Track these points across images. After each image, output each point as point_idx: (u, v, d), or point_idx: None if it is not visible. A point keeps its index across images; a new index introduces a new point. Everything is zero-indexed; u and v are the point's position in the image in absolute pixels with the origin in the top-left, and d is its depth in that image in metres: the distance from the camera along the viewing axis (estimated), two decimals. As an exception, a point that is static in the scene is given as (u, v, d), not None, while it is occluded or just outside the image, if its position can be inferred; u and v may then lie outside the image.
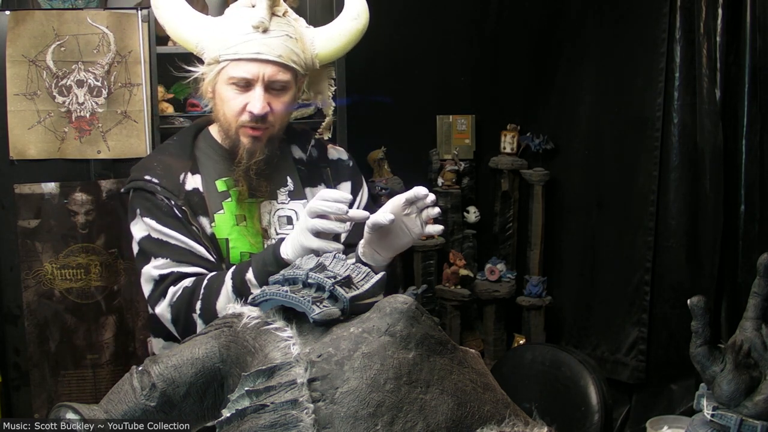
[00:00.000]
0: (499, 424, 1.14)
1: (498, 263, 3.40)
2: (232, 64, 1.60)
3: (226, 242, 1.67)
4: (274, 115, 1.63)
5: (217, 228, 1.66)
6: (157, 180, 1.63)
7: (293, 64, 1.62)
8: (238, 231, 1.67)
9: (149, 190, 1.63)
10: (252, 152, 1.64)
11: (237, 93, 1.61)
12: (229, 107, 1.63)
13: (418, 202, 1.51)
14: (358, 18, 1.73)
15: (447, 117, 3.43)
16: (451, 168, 3.36)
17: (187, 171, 1.67)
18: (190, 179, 1.67)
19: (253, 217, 1.69)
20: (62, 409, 1.22)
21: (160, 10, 1.70)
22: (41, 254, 2.27)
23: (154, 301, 1.60)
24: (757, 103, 2.56)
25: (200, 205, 1.66)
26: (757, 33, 2.52)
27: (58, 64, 2.25)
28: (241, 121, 1.62)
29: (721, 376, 1.02)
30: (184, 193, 1.65)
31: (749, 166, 2.60)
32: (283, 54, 1.60)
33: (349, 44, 1.73)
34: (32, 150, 2.24)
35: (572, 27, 3.24)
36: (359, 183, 1.84)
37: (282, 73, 1.61)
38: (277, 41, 1.60)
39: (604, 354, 3.11)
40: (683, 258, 2.84)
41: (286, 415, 1.07)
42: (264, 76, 1.59)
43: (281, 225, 1.71)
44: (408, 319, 1.16)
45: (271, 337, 1.21)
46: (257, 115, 1.60)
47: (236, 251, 1.67)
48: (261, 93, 1.60)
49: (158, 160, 1.70)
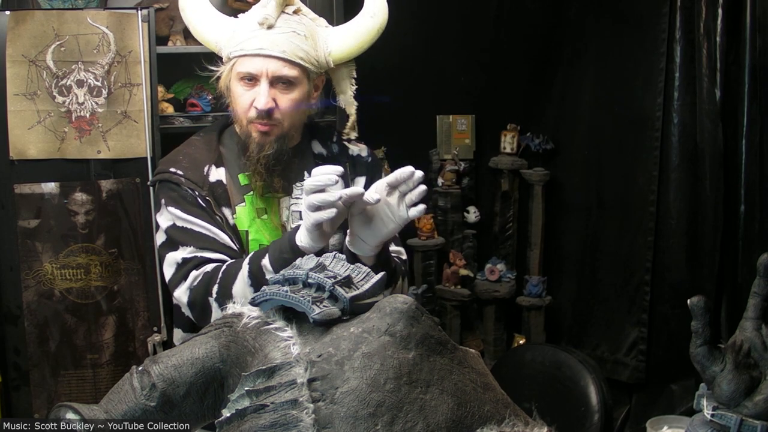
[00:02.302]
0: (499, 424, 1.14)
1: (498, 263, 3.40)
2: (240, 60, 1.63)
3: (246, 234, 1.70)
4: (281, 112, 1.64)
5: (238, 220, 1.70)
6: (181, 172, 1.68)
7: (300, 60, 1.63)
8: (258, 224, 1.71)
9: (174, 181, 1.67)
10: (261, 146, 1.66)
11: (245, 89, 1.64)
12: (239, 103, 1.66)
13: (401, 185, 1.49)
14: (375, 16, 1.73)
15: (447, 117, 3.43)
16: (451, 168, 3.36)
17: (212, 164, 1.71)
18: (214, 171, 1.71)
19: (273, 212, 1.72)
20: (62, 409, 1.22)
21: (185, 11, 1.76)
22: (41, 254, 2.27)
23: (175, 284, 1.63)
24: (757, 103, 2.56)
25: (223, 196, 1.69)
26: (757, 33, 2.52)
27: (58, 64, 2.25)
28: (249, 116, 1.65)
29: (721, 376, 1.02)
30: (208, 185, 1.68)
31: (749, 166, 2.60)
32: (288, 49, 1.61)
33: (365, 43, 1.73)
34: (32, 150, 2.24)
35: (572, 27, 3.24)
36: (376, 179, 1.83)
37: (287, 69, 1.62)
38: (282, 37, 1.61)
39: (604, 354, 3.11)
40: (683, 258, 2.84)
41: (286, 415, 1.07)
42: (268, 71, 1.61)
43: (294, 220, 1.73)
44: (408, 319, 1.16)
45: (271, 337, 1.21)
46: (261, 110, 1.61)
47: (255, 243, 1.70)
48: (265, 88, 1.61)
49: (184, 153, 1.75)
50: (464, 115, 3.44)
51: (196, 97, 2.56)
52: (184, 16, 1.78)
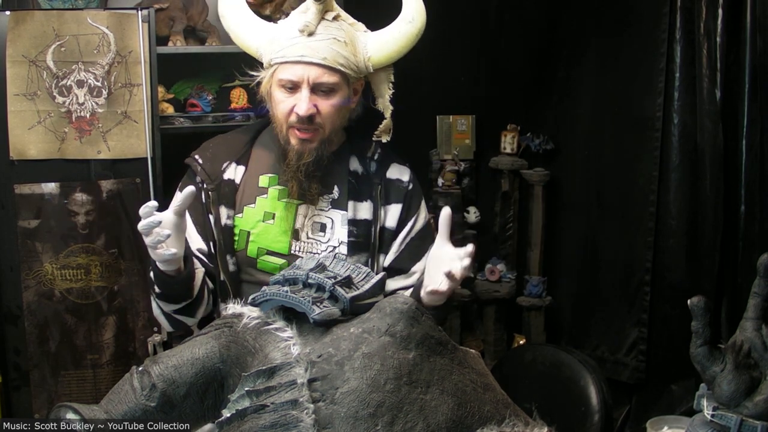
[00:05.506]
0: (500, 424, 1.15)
1: (498, 263, 3.40)
2: (281, 67, 1.65)
3: (247, 235, 1.73)
4: (321, 117, 1.66)
5: (243, 220, 1.74)
6: (201, 161, 1.77)
7: (340, 66, 1.65)
8: (262, 227, 1.74)
9: (193, 168, 1.77)
10: (300, 153, 1.68)
11: (286, 95, 1.66)
12: (279, 109, 1.68)
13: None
14: (413, 21, 1.75)
15: (447, 117, 3.43)
16: (451, 168, 3.35)
17: (233, 161, 1.77)
18: (232, 168, 1.77)
19: (288, 218, 1.74)
20: (62, 409, 1.22)
21: (226, 18, 1.79)
22: (41, 254, 2.27)
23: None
24: (757, 103, 2.56)
25: (229, 195, 1.74)
26: (757, 33, 2.52)
27: (58, 64, 2.25)
28: (290, 122, 1.67)
29: (721, 376, 1.02)
30: (220, 180, 1.74)
31: (749, 166, 2.60)
32: (328, 56, 1.63)
33: (405, 48, 1.76)
34: (32, 150, 2.24)
35: (572, 27, 3.24)
36: (413, 209, 1.83)
37: (328, 75, 1.64)
38: (322, 44, 1.63)
39: (604, 354, 3.11)
40: (683, 258, 2.84)
41: (287, 416, 1.07)
42: (309, 78, 1.63)
43: (314, 231, 1.75)
44: (408, 320, 1.16)
45: (271, 338, 1.21)
46: (302, 116, 1.63)
47: (254, 245, 1.74)
48: (306, 95, 1.63)
49: (215, 143, 1.83)
50: (464, 115, 3.43)
51: (196, 98, 2.56)
52: (224, 22, 1.80)
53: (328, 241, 1.75)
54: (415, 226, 1.81)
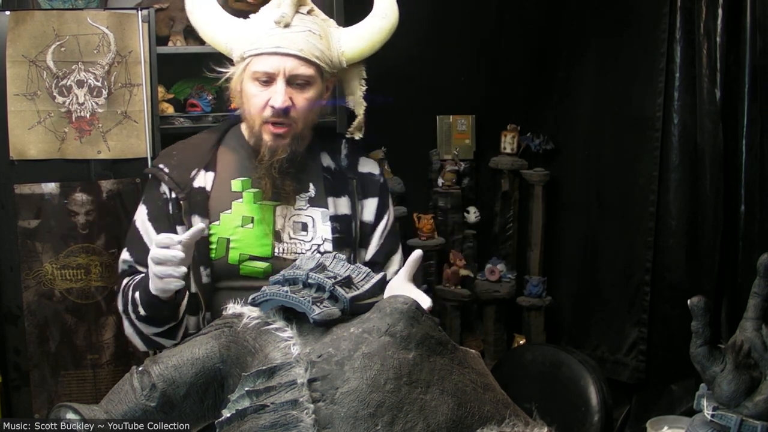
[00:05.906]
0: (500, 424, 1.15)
1: (498, 263, 3.40)
2: (255, 59, 1.62)
3: (227, 242, 1.68)
4: (296, 111, 1.64)
5: (221, 227, 1.68)
6: (168, 170, 1.70)
7: (315, 59, 1.63)
8: (242, 233, 1.69)
9: (159, 178, 1.70)
10: (274, 150, 1.65)
11: (260, 89, 1.63)
12: (252, 103, 1.65)
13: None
14: (387, 17, 1.74)
15: (447, 117, 3.43)
16: (451, 168, 3.36)
17: (201, 167, 1.71)
18: (201, 176, 1.71)
19: (266, 220, 1.70)
20: (62, 409, 1.22)
21: (193, 15, 1.76)
22: (41, 254, 2.27)
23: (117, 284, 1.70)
24: (757, 103, 2.56)
25: (201, 204, 1.68)
26: (757, 33, 2.52)
27: (58, 64, 2.25)
28: (264, 116, 1.64)
29: (721, 376, 1.02)
30: (190, 189, 1.68)
31: (749, 166, 2.60)
32: (304, 48, 1.62)
33: (377, 43, 1.75)
34: (32, 150, 2.24)
35: (572, 27, 3.24)
36: (386, 203, 1.84)
37: (304, 68, 1.62)
38: (298, 36, 1.62)
39: (604, 354, 3.11)
40: (683, 258, 2.84)
41: (287, 416, 1.07)
42: (285, 70, 1.61)
43: (296, 230, 1.72)
44: (408, 320, 1.16)
45: (271, 338, 1.21)
46: (278, 108, 1.61)
47: (236, 252, 1.68)
48: (282, 87, 1.61)
49: (179, 150, 1.77)
50: (464, 115, 3.43)
51: (196, 98, 2.56)
52: (191, 18, 1.77)
53: (312, 239, 1.72)
54: (389, 219, 1.83)
